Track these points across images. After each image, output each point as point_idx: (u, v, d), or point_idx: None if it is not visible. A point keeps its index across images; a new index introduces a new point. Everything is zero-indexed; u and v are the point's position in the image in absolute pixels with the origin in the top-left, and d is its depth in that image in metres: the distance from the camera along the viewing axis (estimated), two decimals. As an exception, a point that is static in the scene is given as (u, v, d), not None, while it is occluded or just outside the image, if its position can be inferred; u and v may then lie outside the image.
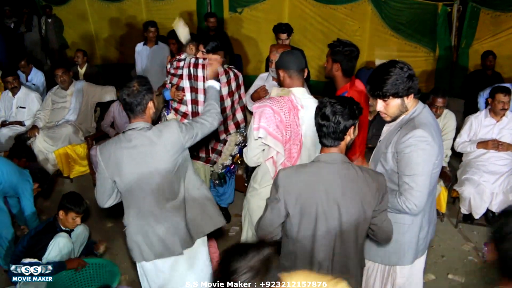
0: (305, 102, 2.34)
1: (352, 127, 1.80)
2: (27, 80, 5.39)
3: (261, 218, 1.91)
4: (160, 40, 5.46)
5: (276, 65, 2.41)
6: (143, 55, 5.37)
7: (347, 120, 1.76)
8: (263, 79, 3.69)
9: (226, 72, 3.19)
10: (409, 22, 6.05)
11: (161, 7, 7.27)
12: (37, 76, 5.54)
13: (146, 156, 2.01)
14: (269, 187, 2.37)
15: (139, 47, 5.42)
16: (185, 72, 3.19)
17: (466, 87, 5.33)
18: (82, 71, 5.88)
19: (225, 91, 3.20)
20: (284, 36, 4.28)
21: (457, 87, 5.91)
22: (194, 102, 3.24)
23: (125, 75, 6.36)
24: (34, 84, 5.32)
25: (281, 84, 2.44)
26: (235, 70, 3.28)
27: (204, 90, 3.19)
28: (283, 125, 2.28)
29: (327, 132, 1.77)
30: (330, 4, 6.36)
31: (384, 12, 6.12)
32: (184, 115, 3.27)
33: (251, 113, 3.71)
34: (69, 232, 3.02)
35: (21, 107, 4.79)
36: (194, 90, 3.21)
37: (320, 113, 1.79)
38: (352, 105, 1.79)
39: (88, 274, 2.95)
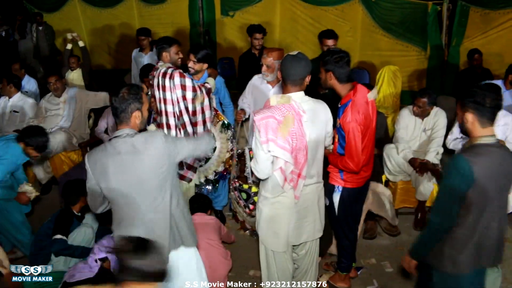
0: (305, 106, 2.31)
1: None
2: (19, 87, 5.36)
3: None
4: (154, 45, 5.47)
5: (280, 65, 2.39)
6: (139, 61, 5.38)
7: None
8: (257, 84, 3.59)
9: (196, 90, 3.16)
10: (400, 21, 6.10)
11: (153, 12, 7.29)
12: (29, 84, 5.53)
13: (130, 164, 2.01)
14: (282, 197, 2.36)
15: (135, 53, 5.44)
16: (155, 82, 3.15)
17: (457, 85, 5.38)
18: (76, 75, 5.87)
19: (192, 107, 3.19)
20: (259, 35, 4.59)
21: (449, 85, 5.96)
22: (165, 113, 3.18)
23: (119, 81, 6.36)
24: (26, 92, 5.30)
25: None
26: (208, 87, 3.26)
27: (172, 100, 3.11)
28: (288, 133, 2.26)
29: None
30: (321, 6, 6.41)
31: (375, 12, 6.17)
32: (158, 125, 3.23)
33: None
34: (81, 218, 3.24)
35: (14, 111, 4.77)
36: (163, 101, 3.15)
37: None
38: None
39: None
